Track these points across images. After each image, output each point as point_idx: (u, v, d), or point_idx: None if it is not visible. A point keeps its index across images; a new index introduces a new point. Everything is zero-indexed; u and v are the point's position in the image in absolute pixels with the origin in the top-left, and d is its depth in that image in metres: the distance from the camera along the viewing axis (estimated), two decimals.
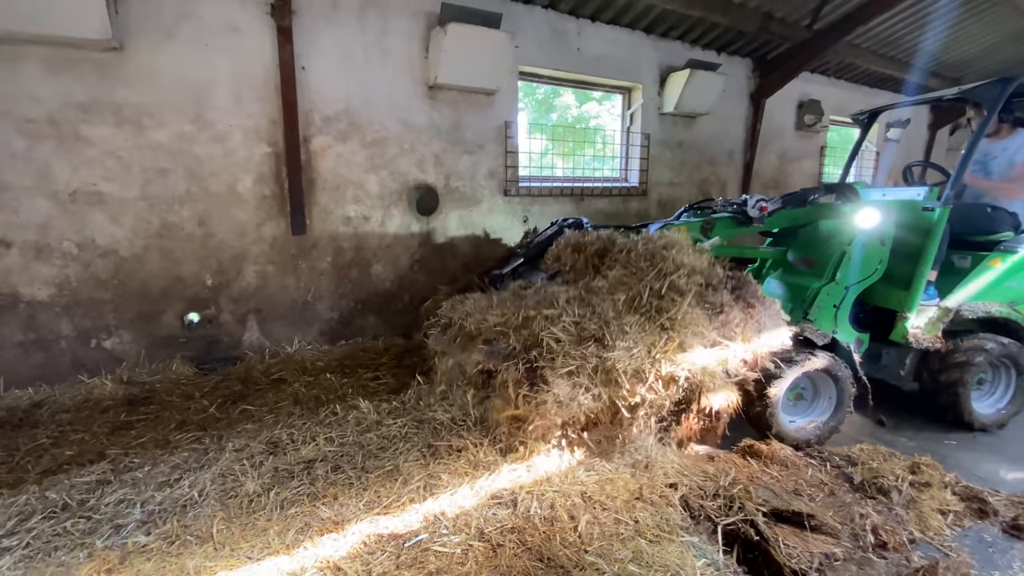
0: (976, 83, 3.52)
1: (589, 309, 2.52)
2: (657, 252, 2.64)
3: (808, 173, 7.51)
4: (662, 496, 2.19)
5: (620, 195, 5.64)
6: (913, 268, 3.36)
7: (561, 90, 9.01)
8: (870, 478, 2.89)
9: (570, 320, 2.45)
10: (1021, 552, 2.42)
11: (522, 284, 3.03)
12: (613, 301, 2.53)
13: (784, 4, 5.34)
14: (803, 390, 3.32)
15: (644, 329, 2.40)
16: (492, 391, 2.59)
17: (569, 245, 3.08)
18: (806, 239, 3.72)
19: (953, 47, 7.25)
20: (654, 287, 2.51)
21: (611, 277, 2.67)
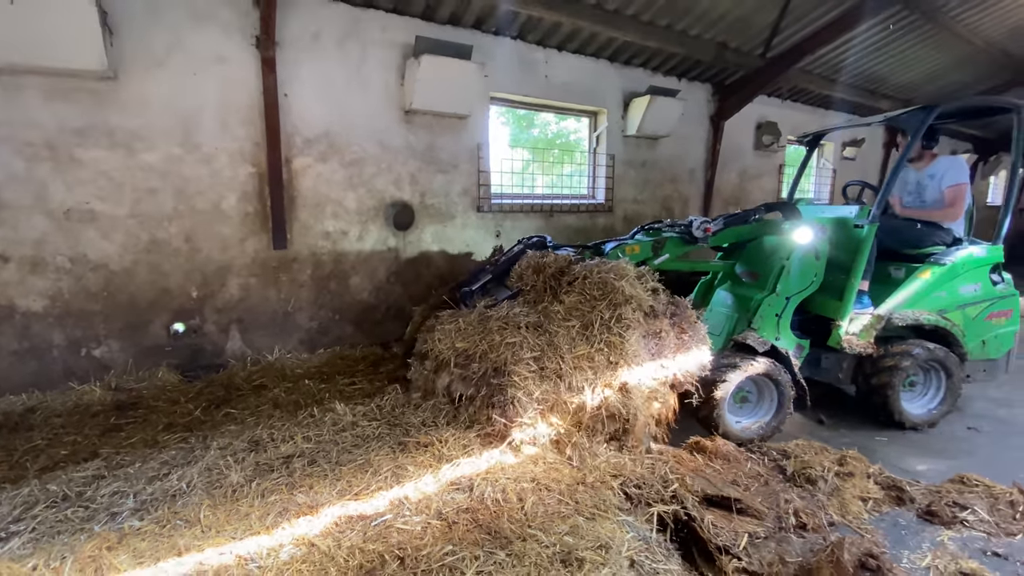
0: (901, 110, 3.90)
1: (547, 337, 2.78)
2: (608, 282, 2.91)
3: (767, 190, 7.97)
4: (603, 482, 2.48)
5: (588, 211, 5.99)
6: (846, 279, 3.69)
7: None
8: (800, 469, 3.22)
9: (530, 355, 2.70)
10: (931, 535, 2.75)
11: (488, 303, 3.26)
12: (567, 329, 2.80)
13: (738, 35, 5.78)
14: (748, 393, 3.62)
15: (594, 361, 2.70)
16: (461, 407, 2.89)
17: (530, 266, 3.35)
18: (751, 254, 4.03)
19: (900, 72, 7.81)
20: (605, 317, 2.81)
21: (567, 303, 2.94)
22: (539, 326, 2.86)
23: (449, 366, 2.92)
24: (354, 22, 4.19)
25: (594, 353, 2.72)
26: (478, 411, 2.78)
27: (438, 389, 3.01)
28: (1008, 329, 4.11)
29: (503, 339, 2.78)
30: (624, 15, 4.95)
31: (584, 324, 2.80)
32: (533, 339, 2.77)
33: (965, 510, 2.89)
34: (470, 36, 4.65)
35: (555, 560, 1.86)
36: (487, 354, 2.77)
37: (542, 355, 2.71)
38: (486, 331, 2.89)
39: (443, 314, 3.33)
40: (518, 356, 2.68)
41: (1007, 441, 3.77)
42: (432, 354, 3.07)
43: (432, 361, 3.06)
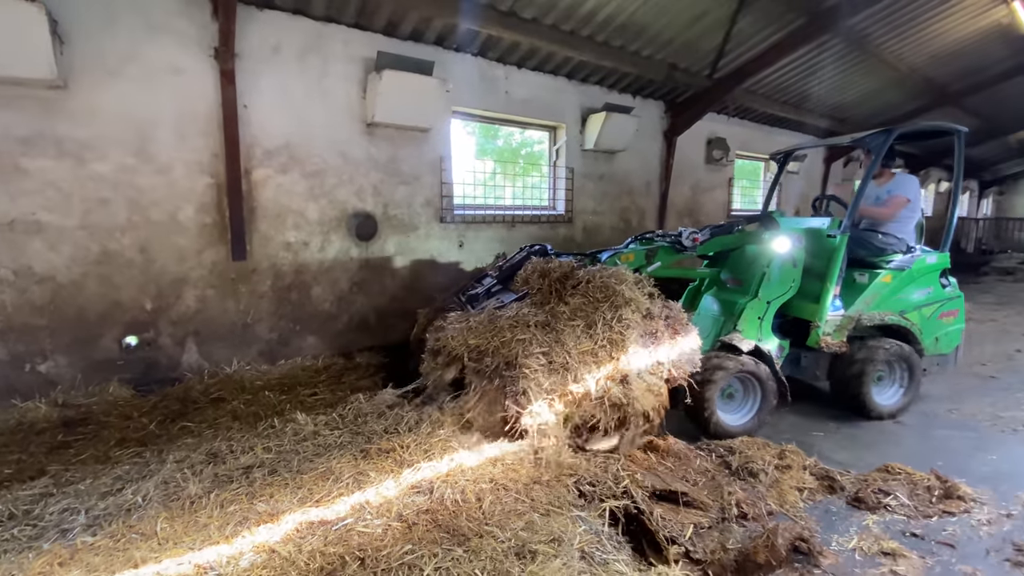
0: (867, 132, 4.27)
1: (554, 335, 2.95)
2: (610, 286, 3.15)
3: (719, 202, 8.39)
4: (559, 480, 2.60)
5: (549, 222, 6.17)
6: (821, 285, 4.04)
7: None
8: (744, 464, 3.44)
9: (539, 350, 2.86)
10: (858, 520, 2.99)
11: (496, 305, 3.44)
12: (573, 328, 2.99)
13: (687, 57, 6.12)
14: (734, 390, 3.90)
15: (598, 357, 2.90)
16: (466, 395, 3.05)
17: (536, 271, 3.52)
18: (735, 261, 4.34)
19: (837, 93, 8.41)
20: (607, 317, 3.03)
21: (572, 304, 3.14)
22: (547, 325, 3.04)
23: (461, 361, 3.07)
24: (316, 36, 4.24)
25: (597, 349, 2.92)
26: (492, 400, 2.92)
27: (445, 381, 3.17)
28: (956, 327, 4.58)
29: (514, 336, 2.95)
30: (580, 36, 5.19)
31: (588, 323, 3.01)
32: (542, 336, 2.95)
33: (888, 496, 3.16)
34: (432, 52, 4.77)
35: (510, 553, 1.96)
36: (499, 349, 2.93)
37: (550, 351, 2.89)
38: (497, 329, 3.06)
39: (451, 314, 3.48)
40: (528, 351, 2.85)
41: (928, 432, 4.13)
42: (445, 350, 3.20)
43: (444, 356, 3.20)
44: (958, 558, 2.62)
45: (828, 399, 4.50)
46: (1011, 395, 4.75)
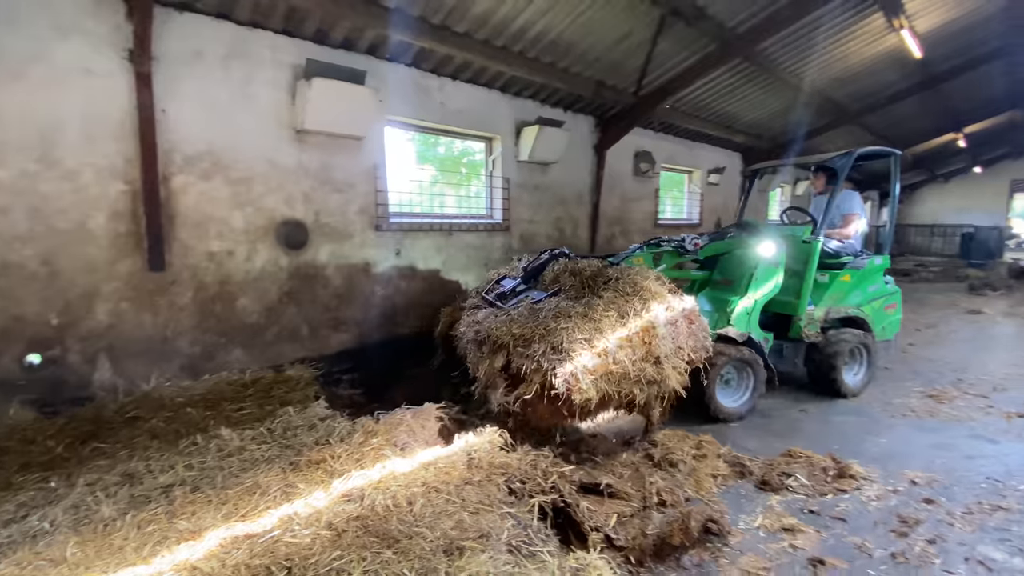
0: (833, 154, 4.91)
1: (592, 324, 3.25)
2: (637, 282, 3.57)
3: (646, 212, 8.86)
4: (490, 480, 2.69)
5: (486, 231, 6.29)
6: (797, 283, 4.68)
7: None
8: (665, 455, 3.68)
9: (581, 336, 3.16)
10: (764, 501, 3.29)
11: (533, 300, 3.70)
12: (608, 317, 3.31)
13: (613, 74, 6.47)
14: (730, 377, 4.40)
15: (632, 342, 3.29)
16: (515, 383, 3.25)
17: (567, 270, 3.91)
18: (724, 264, 4.85)
19: (751, 111, 9.14)
20: (637, 308, 3.41)
21: (605, 298, 3.49)
22: (585, 315, 3.33)
23: (507, 348, 3.31)
24: (241, 41, 4.15)
25: (631, 336, 3.30)
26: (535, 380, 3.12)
27: (494, 367, 3.38)
28: (896, 317, 5.44)
29: (558, 325, 3.24)
30: (512, 51, 5.37)
31: (620, 313, 3.36)
32: (582, 324, 3.25)
33: (790, 478, 3.49)
34: (365, 61, 4.78)
35: (438, 551, 2.03)
36: (545, 336, 3.19)
37: (591, 337, 3.20)
38: (541, 319, 3.36)
39: (480, 311, 3.81)
40: (572, 337, 3.14)
41: (828, 419, 4.58)
42: (489, 340, 3.45)
43: (489, 346, 3.45)
44: (849, 530, 2.95)
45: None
46: (901, 385, 5.36)
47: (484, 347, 3.47)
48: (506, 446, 3.09)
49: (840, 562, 2.63)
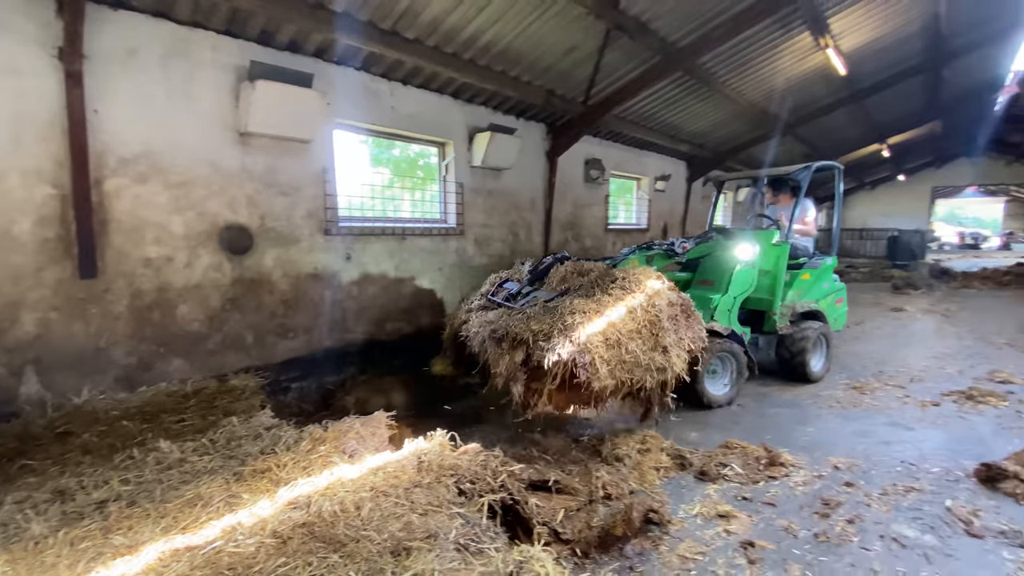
0: (797, 166, 5.44)
1: (605, 318, 3.55)
2: (641, 280, 3.90)
3: (597, 217, 9.12)
4: (440, 481, 2.73)
5: (440, 235, 6.32)
6: (767, 282, 5.19)
7: None
8: (611, 451, 3.83)
9: (597, 329, 3.45)
10: (702, 490, 3.47)
11: (546, 299, 3.93)
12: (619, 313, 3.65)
13: (563, 84, 6.65)
14: (716, 367, 4.76)
15: (641, 334, 3.62)
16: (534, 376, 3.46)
17: (575, 271, 4.23)
18: (705, 266, 5.29)
19: (691, 121, 9.57)
20: (643, 305, 3.76)
21: (615, 295, 3.75)
22: (597, 311, 3.58)
23: (527, 343, 3.47)
24: (180, 41, 4.02)
25: (640, 328, 3.63)
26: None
27: (515, 361, 3.53)
28: (843, 310, 6.18)
29: (574, 320, 3.45)
30: (462, 59, 5.44)
31: (629, 309, 3.67)
32: (596, 319, 3.52)
33: (726, 467, 3.70)
34: (312, 64, 4.73)
35: (385, 553, 2.05)
36: (563, 331, 3.39)
37: (605, 330, 3.48)
38: (557, 315, 3.54)
39: (494, 311, 4.01)
40: (589, 331, 3.41)
41: (762, 411, 4.87)
42: (508, 336, 3.59)
43: (508, 342, 3.59)
44: (778, 514, 3.16)
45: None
46: (829, 378, 5.75)
47: (503, 343, 3.62)
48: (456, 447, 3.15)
49: (768, 544, 2.83)
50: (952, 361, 6.48)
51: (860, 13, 7.16)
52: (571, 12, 5.20)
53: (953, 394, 5.19)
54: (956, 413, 4.76)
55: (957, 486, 3.44)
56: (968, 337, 7.81)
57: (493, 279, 4.62)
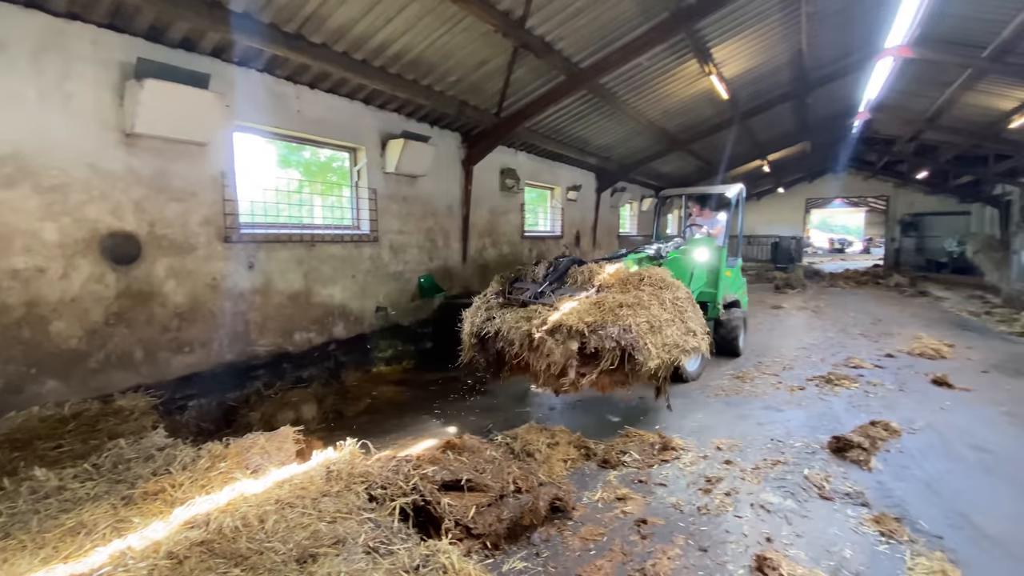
0: (728, 185, 6.92)
1: (645, 311, 4.06)
2: (665, 279, 4.54)
3: (514, 224, 9.41)
4: (349, 489, 2.74)
5: (353, 242, 6.21)
6: (712, 278, 6.49)
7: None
8: (523, 448, 4.01)
9: (643, 320, 3.96)
10: (604, 477, 3.74)
11: (575, 295, 4.41)
12: (652, 305, 4.17)
13: (475, 95, 6.83)
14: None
15: (673, 322, 4.19)
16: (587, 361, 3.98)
17: (599, 271, 4.67)
18: (670, 267, 5.77)
19: (598, 136, 10.18)
20: (669, 298, 4.36)
21: (646, 292, 4.32)
22: (639, 304, 4.13)
23: (582, 333, 3.91)
24: (56, 33, 3.67)
25: (672, 317, 4.23)
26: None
27: (571, 349, 3.98)
28: (746, 300, 7.79)
29: (623, 312, 3.99)
30: (372, 66, 5.43)
31: (660, 302, 4.27)
32: (639, 311, 4.03)
33: (625, 455, 4.03)
34: (209, 64, 4.50)
35: (290, 562, 2.06)
36: (615, 321, 3.90)
37: (647, 320, 3.99)
38: (606, 309, 4.05)
39: (521, 310, 4.42)
40: (638, 320, 3.93)
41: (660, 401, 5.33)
42: (562, 328, 4.02)
43: (563, 333, 4.01)
44: (668, 493, 3.50)
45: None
46: (716, 369, 6.38)
47: (557, 335, 4.04)
48: (368, 455, 3.17)
49: (659, 520, 3.15)
50: (817, 351, 7.45)
51: (737, 45, 8.06)
52: (479, 28, 5.39)
53: (816, 379, 6.00)
54: (817, 395, 5.51)
55: (814, 457, 4.01)
56: (831, 329, 9.00)
57: (501, 280, 5.01)
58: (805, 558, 2.76)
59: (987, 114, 10.87)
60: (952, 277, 17.72)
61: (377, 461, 3.20)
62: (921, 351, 7.12)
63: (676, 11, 6.20)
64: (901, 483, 3.59)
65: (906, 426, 4.51)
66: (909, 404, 5.18)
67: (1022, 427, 4.58)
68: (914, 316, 10.40)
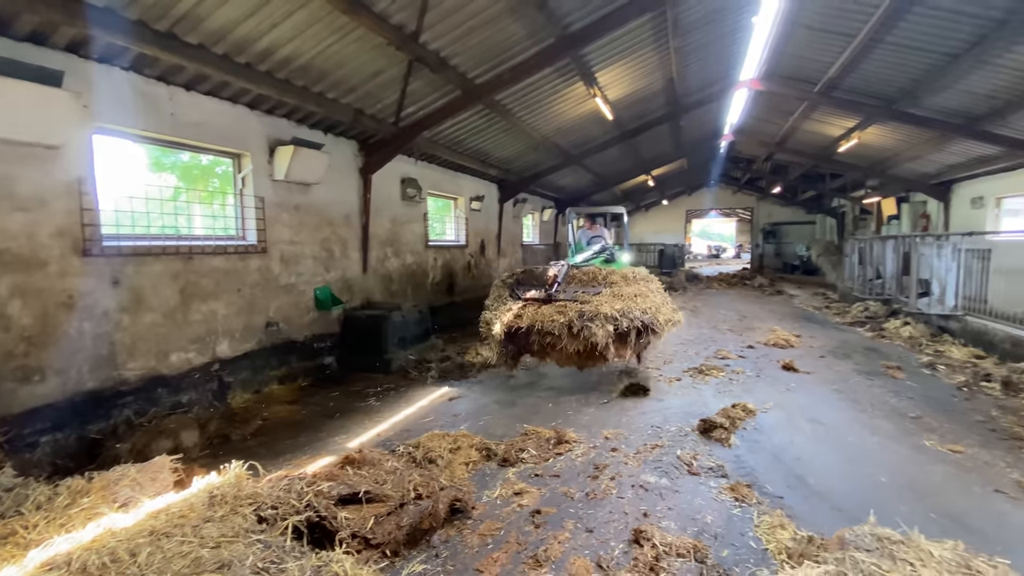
0: (615, 205, 8.37)
1: (649, 299, 5.67)
2: (647, 276, 6.57)
3: (417, 234, 9.40)
4: (236, 512, 2.63)
5: (238, 254, 5.84)
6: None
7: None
8: (425, 455, 4.06)
9: (649, 305, 5.51)
10: (503, 475, 3.89)
11: (586, 292, 5.87)
12: (652, 296, 5.82)
13: (372, 104, 6.78)
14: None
15: (665, 305, 5.85)
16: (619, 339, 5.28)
17: (603, 272, 6.35)
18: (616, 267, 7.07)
19: (498, 149, 10.52)
20: (655, 288, 6.18)
21: (640, 286, 6.03)
22: (643, 295, 5.75)
23: (615, 318, 5.16)
24: None
25: (661, 301, 5.85)
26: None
27: (609, 330, 5.13)
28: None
29: (638, 300, 5.55)
30: (257, 70, 5.20)
31: (650, 291, 5.98)
32: (646, 300, 5.63)
33: (524, 452, 4.24)
34: (64, 60, 4.05)
35: None
36: (634, 308, 5.33)
37: (651, 304, 5.56)
38: (626, 299, 5.56)
39: (546, 305, 5.54)
40: (646, 305, 5.48)
41: (557, 400, 5.64)
42: (599, 316, 5.16)
43: (599, 320, 5.13)
44: (561, 483, 3.75)
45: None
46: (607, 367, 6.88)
47: (595, 321, 5.13)
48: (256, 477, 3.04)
49: (551, 509, 3.37)
50: (693, 346, 8.32)
51: (618, 71, 8.82)
52: (372, 40, 5.40)
53: (691, 370, 6.71)
54: (691, 384, 6.18)
55: (686, 439, 4.51)
56: (706, 327, 10.06)
57: (507, 280, 6.29)
58: (675, 527, 3.12)
59: (822, 139, 12.90)
60: (803, 277, 20.66)
61: (268, 482, 3.09)
62: (775, 342, 8.25)
63: (561, 37, 6.67)
64: (753, 455, 4.17)
65: (760, 406, 5.23)
66: (763, 387, 6.01)
67: (848, 402, 5.51)
68: (772, 312, 11.98)
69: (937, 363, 6.93)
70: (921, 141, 10.29)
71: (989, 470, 3.89)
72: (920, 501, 3.44)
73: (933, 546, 2.23)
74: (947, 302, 8.22)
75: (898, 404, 5.39)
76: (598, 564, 2.77)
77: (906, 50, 7.10)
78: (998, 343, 7.00)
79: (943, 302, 8.30)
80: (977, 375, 6.19)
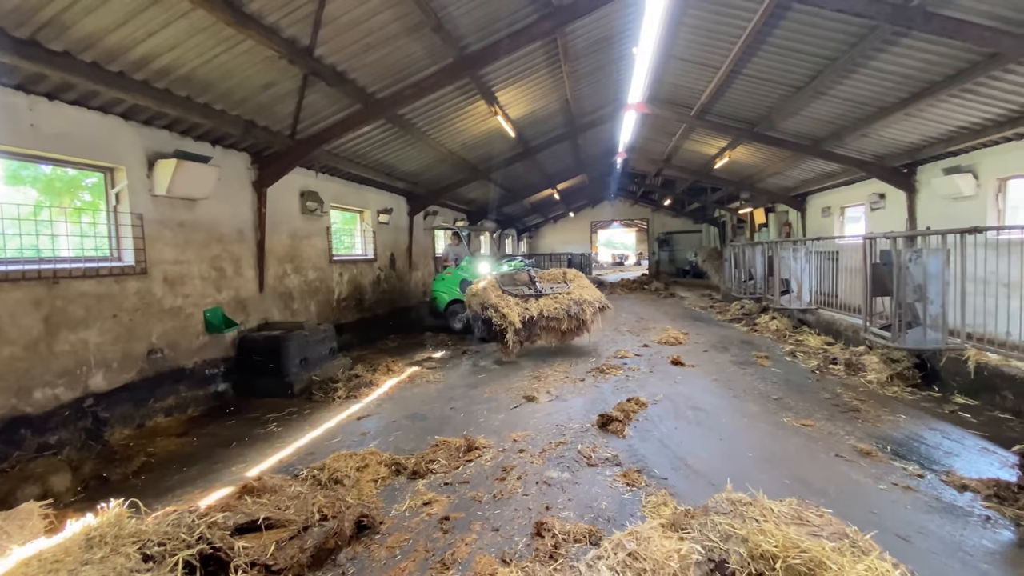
0: (495, 224, 8.64)
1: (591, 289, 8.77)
2: (576, 273, 9.20)
3: (319, 249, 9.09)
4: (118, 552, 2.46)
5: (112, 276, 5.33)
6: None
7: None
8: (331, 476, 4.00)
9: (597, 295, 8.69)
10: (413, 488, 3.93)
11: (557, 289, 8.62)
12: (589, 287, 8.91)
13: (265, 117, 6.53)
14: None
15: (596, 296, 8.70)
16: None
17: (564, 274, 9.10)
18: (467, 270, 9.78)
19: (405, 163, 10.51)
20: (588, 282, 9.09)
21: (583, 281, 8.99)
22: (587, 287, 8.78)
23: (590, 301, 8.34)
24: None
25: (595, 294, 8.63)
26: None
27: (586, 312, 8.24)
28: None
29: (591, 292, 8.63)
30: (132, 79, 4.84)
31: (588, 284, 8.94)
32: (592, 290, 8.73)
33: (434, 463, 4.31)
34: None
35: None
36: (590, 297, 8.48)
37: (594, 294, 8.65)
38: (584, 289, 8.61)
39: (533, 301, 8.19)
40: (597, 295, 8.62)
41: (469, 409, 5.76)
42: (582, 300, 8.28)
43: (577, 308, 8.16)
44: (470, 488, 3.87)
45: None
46: (516, 372, 7.14)
47: (582, 305, 8.19)
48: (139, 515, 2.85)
49: (460, 514, 3.49)
50: (596, 347, 8.87)
51: (517, 91, 9.26)
52: (262, 52, 5.25)
53: (593, 371, 7.17)
54: (593, 384, 6.61)
55: (586, 434, 4.85)
56: (608, 330, 10.73)
57: (495, 286, 8.10)
58: (573, 516, 3.38)
59: (701, 157, 14.36)
60: (693, 281, 22.71)
61: (153, 519, 2.90)
62: (667, 340, 9.04)
63: (459, 58, 6.90)
64: (644, 443, 4.59)
65: (651, 399, 5.75)
66: (655, 381, 6.59)
67: (725, 389, 6.22)
68: (665, 313, 13.06)
69: (797, 351, 8.02)
70: (779, 159, 11.84)
71: (832, 439, 4.61)
72: (776, 469, 4.01)
73: (774, 504, 2.67)
74: (804, 298, 9.53)
75: (764, 388, 6.18)
76: (502, 559, 2.93)
77: (760, 81, 8.22)
78: (843, 331, 8.26)
79: (800, 298, 9.61)
80: (827, 359, 7.26)
